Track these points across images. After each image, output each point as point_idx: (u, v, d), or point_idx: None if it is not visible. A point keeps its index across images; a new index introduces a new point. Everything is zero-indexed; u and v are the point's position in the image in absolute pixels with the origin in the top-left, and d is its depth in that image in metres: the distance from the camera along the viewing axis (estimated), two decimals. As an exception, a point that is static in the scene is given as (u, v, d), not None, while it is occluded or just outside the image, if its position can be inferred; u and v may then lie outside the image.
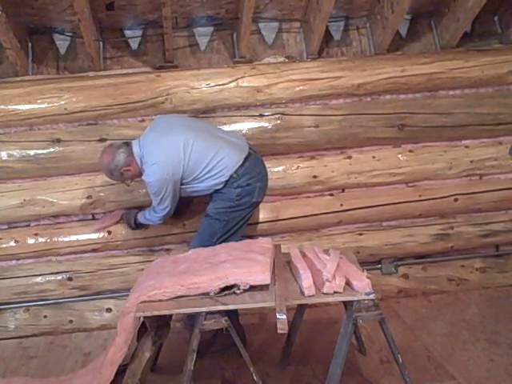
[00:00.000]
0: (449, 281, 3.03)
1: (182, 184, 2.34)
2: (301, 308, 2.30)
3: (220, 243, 2.32)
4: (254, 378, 1.95)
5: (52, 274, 2.80)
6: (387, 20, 2.94)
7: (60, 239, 2.78)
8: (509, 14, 3.20)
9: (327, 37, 3.14)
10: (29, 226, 2.82)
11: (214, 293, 1.87)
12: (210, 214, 2.39)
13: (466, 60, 2.91)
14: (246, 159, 2.35)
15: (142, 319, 1.95)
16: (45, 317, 2.84)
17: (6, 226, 2.81)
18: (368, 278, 1.86)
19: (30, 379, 2.32)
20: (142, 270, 2.33)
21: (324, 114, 2.86)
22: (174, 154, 2.27)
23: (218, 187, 2.35)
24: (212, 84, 2.79)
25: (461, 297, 2.95)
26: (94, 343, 2.70)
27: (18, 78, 2.85)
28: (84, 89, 2.74)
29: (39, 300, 2.83)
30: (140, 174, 2.37)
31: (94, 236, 2.79)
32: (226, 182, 2.33)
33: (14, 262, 2.82)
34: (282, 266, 2.11)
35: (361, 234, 2.96)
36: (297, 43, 3.17)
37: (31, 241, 2.77)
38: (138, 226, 2.69)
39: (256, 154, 2.45)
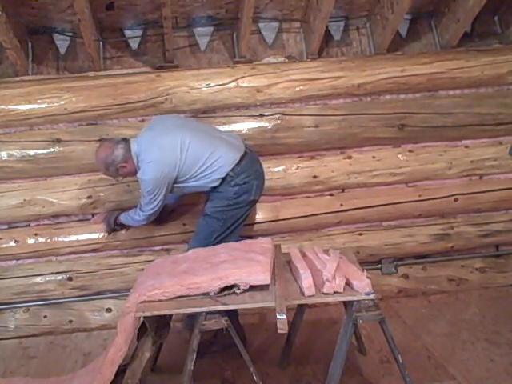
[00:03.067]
0: (449, 281, 3.03)
1: (176, 183, 2.34)
2: (301, 308, 2.30)
3: (218, 242, 2.32)
4: (254, 378, 1.95)
5: (52, 274, 2.80)
6: (387, 20, 2.94)
7: (60, 239, 2.78)
8: (509, 14, 3.20)
9: (327, 37, 3.14)
10: (29, 226, 2.82)
11: (214, 293, 1.87)
12: (208, 213, 2.40)
13: (466, 60, 2.91)
14: (242, 158, 2.36)
15: (141, 319, 1.95)
16: (45, 317, 2.83)
17: (6, 226, 2.82)
18: (368, 277, 1.85)
19: (30, 379, 2.32)
20: (142, 270, 2.33)
21: (324, 113, 2.86)
22: (171, 153, 2.28)
23: (214, 184, 2.35)
24: (212, 84, 2.79)
25: (461, 297, 2.95)
26: (93, 343, 2.70)
27: (17, 78, 2.86)
28: (84, 89, 2.74)
29: (39, 300, 2.83)
30: (135, 173, 2.38)
31: (94, 236, 2.79)
32: (223, 179, 2.33)
33: (13, 262, 2.82)
34: (282, 265, 2.11)
35: (361, 234, 2.96)
36: (297, 43, 3.18)
37: (31, 241, 2.77)
38: (117, 226, 2.69)
39: (252, 153, 2.46)
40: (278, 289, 1.86)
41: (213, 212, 2.38)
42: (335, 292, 1.83)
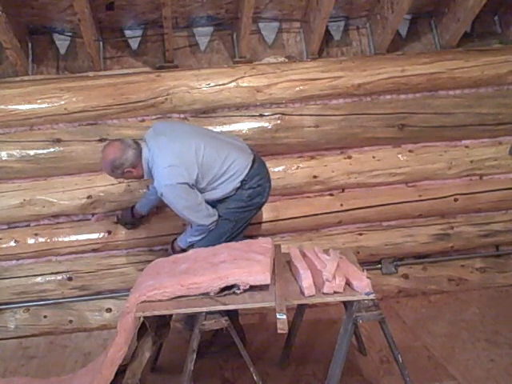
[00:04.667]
0: (449, 281, 3.03)
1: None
2: (301, 308, 2.30)
3: (226, 244, 2.32)
4: (254, 378, 1.95)
5: (52, 273, 2.80)
6: (387, 20, 2.94)
7: (60, 239, 2.78)
8: (509, 14, 3.20)
9: (327, 37, 3.14)
10: (29, 226, 2.82)
11: (214, 293, 1.87)
12: (220, 215, 2.36)
13: (466, 60, 2.91)
14: (253, 161, 2.38)
15: (141, 319, 1.95)
16: (45, 317, 2.83)
17: (5, 226, 2.81)
18: (368, 278, 1.85)
19: (30, 379, 2.32)
20: (142, 270, 2.33)
21: (324, 113, 2.86)
22: (187, 157, 2.23)
23: (231, 194, 2.34)
24: (212, 84, 2.79)
25: (461, 297, 2.95)
26: (93, 343, 2.70)
27: (17, 78, 2.86)
28: (84, 89, 2.74)
29: (39, 300, 2.83)
30: (141, 177, 2.35)
31: (94, 236, 2.79)
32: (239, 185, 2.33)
33: (14, 261, 2.82)
34: (282, 266, 2.11)
35: (361, 234, 2.96)
36: (297, 43, 3.17)
37: (31, 241, 2.77)
38: (183, 250, 2.51)
39: (258, 156, 2.48)
40: (278, 289, 1.86)
41: (225, 213, 2.36)
42: (335, 292, 1.83)
